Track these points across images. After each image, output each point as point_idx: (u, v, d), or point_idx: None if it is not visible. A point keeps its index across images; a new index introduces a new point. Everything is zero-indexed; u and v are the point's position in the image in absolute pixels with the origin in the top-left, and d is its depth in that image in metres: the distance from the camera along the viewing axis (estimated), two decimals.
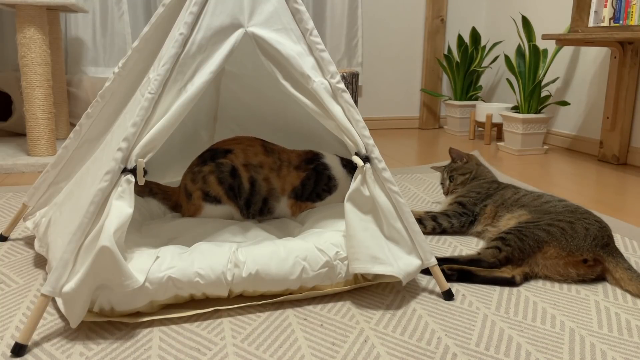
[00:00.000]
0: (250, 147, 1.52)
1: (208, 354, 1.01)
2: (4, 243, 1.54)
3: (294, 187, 1.53)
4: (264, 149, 1.53)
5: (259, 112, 1.77)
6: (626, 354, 1.04)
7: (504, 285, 1.31)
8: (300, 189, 1.54)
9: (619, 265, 1.31)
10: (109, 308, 1.09)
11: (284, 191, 1.54)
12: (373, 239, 1.20)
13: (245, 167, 1.50)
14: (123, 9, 3.15)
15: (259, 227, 1.47)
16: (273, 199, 1.54)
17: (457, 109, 3.54)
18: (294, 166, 1.54)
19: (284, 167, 1.53)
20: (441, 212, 1.65)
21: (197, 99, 1.18)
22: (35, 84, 2.38)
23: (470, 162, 1.81)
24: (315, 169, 1.54)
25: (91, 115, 1.34)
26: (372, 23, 3.65)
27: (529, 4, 3.38)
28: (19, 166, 2.38)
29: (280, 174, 1.53)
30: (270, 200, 1.54)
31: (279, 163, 1.53)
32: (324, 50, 1.24)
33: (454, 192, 1.75)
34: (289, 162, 1.54)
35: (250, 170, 1.50)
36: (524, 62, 3.00)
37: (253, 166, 1.50)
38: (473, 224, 1.63)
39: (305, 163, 1.55)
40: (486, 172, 1.79)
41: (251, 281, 1.16)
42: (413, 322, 1.14)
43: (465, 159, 1.82)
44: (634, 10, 2.40)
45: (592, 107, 2.98)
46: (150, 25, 1.26)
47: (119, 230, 1.04)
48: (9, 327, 1.09)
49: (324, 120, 1.25)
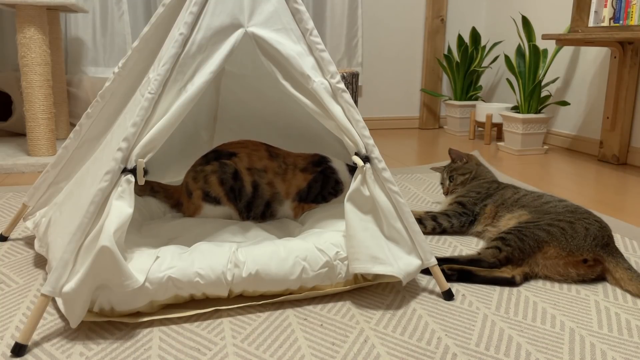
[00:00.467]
0: (255, 152, 1.52)
1: (208, 354, 1.01)
2: (4, 243, 1.54)
3: (299, 189, 1.53)
4: (268, 153, 1.53)
5: (259, 112, 1.77)
6: (626, 354, 1.04)
7: (504, 285, 1.31)
8: (305, 191, 1.53)
9: (619, 265, 1.31)
10: (109, 308, 1.09)
11: (288, 195, 1.53)
12: (373, 239, 1.20)
13: (249, 170, 1.50)
14: (123, 9, 3.15)
15: (259, 227, 1.47)
16: (276, 202, 1.54)
17: (457, 109, 3.54)
18: (300, 169, 1.53)
19: (289, 170, 1.53)
20: (441, 212, 1.65)
21: (197, 99, 1.18)
22: (35, 84, 2.38)
23: (470, 163, 1.81)
24: (322, 171, 1.54)
25: (91, 115, 1.34)
26: (372, 23, 3.65)
27: (529, 4, 3.38)
28: (19, 166, 2.38)
29: (286, 177, 1.52)
30: (274, 203, 1.54)
31: (284, 167, 1.53)
32: (324, 50, 1.24)
33: (454, 192, 1.75)
34: (295, 165, 1.54)
35: (254, 174, 1.50)
36: (524, 62, 3.00)
37: (257, 170, 1.50)
38: (473, 224, 1.63)
39: (313, 165, 1.55)
40: (486, 172, 1.79)
41: (251, 281, 1.16)
42: (413, 322, 1.14)
43: (465, 159, 1.82)
44: (634, 10, 2.40)
45: (592, 107, 2.98)
46: (150, 25, 1.26)
47: (119, 230, 1.04)
48: (9, 327, 1.09)
49: (324, 120, 1.25)
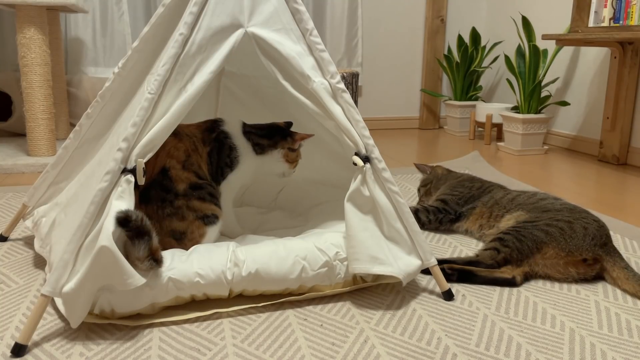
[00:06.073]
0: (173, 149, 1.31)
1: (208, 354, 1.01)
2: (4, 243, 1.54)
3: None
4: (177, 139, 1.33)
5: (259, 112, 1.77)
6: (626, 354, 1.04)
7: (504, 285, 1.31)
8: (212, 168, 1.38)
9: (616, 264, 1.31)
10: (109, 310, 1.09)
11: None
12: (373, 239, 1.20)
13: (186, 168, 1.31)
14: (123, 9, 3.15)
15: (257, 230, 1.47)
16: None
17: (457, 109, 3.54)
18: (200, 139, 1.38)
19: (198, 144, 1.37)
20: (423, 207, 1.69)
21: (197, 99, 1.18)
22: (35, 84, 2.38)
23: (431, 174, 1.90)
24: (216, 139, 1.39)
25: (91, 115, 1.34)
26: (372, 23, 3.65)
27: (529, 4, 3.38)
28: (19, 166, 2.38)
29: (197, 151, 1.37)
30: None
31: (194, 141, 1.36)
32: (324, 50, 1.24)
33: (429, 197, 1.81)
34: (196, 136, 1.38)
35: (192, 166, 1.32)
36: (524, 62, 3.00)
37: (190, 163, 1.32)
38: (455, 222, 1.66)
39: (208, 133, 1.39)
40: (460, 174, 1.84)
41: (251, 280, 1.16)
42: (413, 322, 1.14)
43: (428, 171, 1.92)
44: (634, 11, 2.40)
45: (592, 107, 2.98)
46: (150, 26, 1.26)
47: (119, 230, 1.04)
48: (9, 327, 1.09)
49: (324, 120, 1.25)
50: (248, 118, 1.53)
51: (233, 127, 1.42)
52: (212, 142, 1.38)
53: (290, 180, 1.75)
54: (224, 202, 1.39)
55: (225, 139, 1.40)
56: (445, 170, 1.89)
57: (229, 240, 1.34)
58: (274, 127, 1.47)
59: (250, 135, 1.43)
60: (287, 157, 1.45)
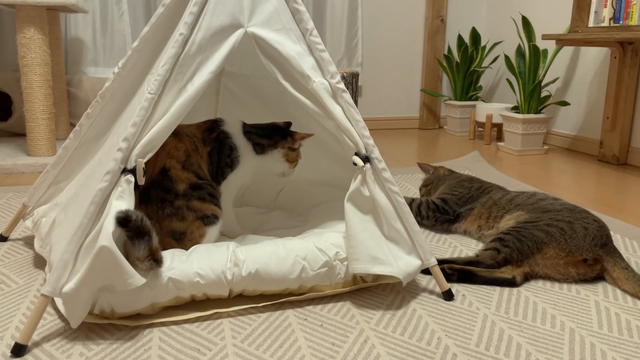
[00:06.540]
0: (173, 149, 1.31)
1: (208, 354, 1.01)
2: (4, 243, 1.54)
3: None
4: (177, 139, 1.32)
5: (259, 112, 1.77)
6: (626, 354, 1.04)
7: (504, 285, 1.31)
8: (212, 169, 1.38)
9: (616, 264, 1.31)
10: (109, 310, 1.09)
11: None
12: (373, 239, 1.20)
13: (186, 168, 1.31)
14: (123, 9, 3.15)
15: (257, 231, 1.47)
16: None
17: (457, 109, 3.54)
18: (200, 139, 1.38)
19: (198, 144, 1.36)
20: (426, 201, 1.69)
21: (197, 99, 1.18)
22: (35, 84, 2.38)
23: (434, 174, 1.90)
24: (217, 139, 1.38)
25: (91, 115, 1.34)
26: (372, 23, 3.65)
27: (529, 4, 3.38)
28: (19, 166, 2.38)
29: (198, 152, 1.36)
30: None
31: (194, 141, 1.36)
32: (324, 50, 1.24)
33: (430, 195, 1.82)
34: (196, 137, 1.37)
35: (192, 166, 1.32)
36: (524, 62, 3.00)
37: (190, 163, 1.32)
38: (453, 223, 1.66)
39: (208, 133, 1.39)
40: (460, 174, 1.85)
41: (251, 280, 1.16)
42: (413, 322, 1.14)
43: (431, 171, 1.92)
44: (634, 11, 2.40)
45: (592, 107, 2.98)
46: (150, 26, 1.26)
47: (119, 230, 1.04)
48: (9, 327, 1.09)
49: (324, 120, 1.25)
50: (248, 118, 1.53)
51: (233, 127, 1.42)
52: (212, 142, 1.38)
53: (290, 180, 1.75)
54: (224, 202, 1.39)
55: (226, 139, 1.40)
56: (447, 171, 1.89)
57: (229, 240, 1.34)
58: (274, 127, 1.47)
59: (251, 135, 1.43)
60: (287, 157, 1.45)
